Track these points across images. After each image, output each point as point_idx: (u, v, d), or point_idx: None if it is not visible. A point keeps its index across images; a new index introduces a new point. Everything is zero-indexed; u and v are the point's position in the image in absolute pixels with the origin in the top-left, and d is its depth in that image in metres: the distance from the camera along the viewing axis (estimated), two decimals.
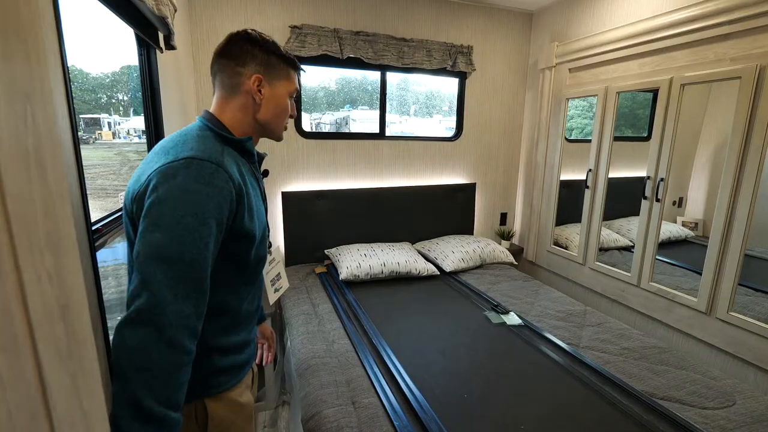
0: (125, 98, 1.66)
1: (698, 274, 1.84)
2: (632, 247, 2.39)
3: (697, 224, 2.63)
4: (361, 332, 1.68)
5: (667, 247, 2.37)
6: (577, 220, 2.53)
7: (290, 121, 1.02)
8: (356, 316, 1.82)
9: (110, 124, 1.54)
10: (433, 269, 2.32)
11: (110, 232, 0.97)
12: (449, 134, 2.91)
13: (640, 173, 2.17)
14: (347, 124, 2.75)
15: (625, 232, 2.59)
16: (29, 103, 0.33)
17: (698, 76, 1.77)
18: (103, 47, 1.37)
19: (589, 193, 2.39)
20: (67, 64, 0.72)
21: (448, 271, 2.37)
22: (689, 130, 2.50)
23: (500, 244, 2.98)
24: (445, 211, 2.83)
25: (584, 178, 2.43)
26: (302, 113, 2.43)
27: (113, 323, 0.78)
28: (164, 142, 0.77)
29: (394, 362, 1.45)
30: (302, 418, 1.25)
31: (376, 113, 2.63)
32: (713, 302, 1.76)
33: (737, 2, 1.57)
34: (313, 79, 2.53)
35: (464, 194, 2.88)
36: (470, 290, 2.14)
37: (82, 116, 1.36)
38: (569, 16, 2.49)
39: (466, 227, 2.92)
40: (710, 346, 1.80)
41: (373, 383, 1.34)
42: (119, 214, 1.09)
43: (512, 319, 1.79)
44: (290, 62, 0.86)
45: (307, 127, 2.50)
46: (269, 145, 2.36)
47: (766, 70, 1.52)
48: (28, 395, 0.35)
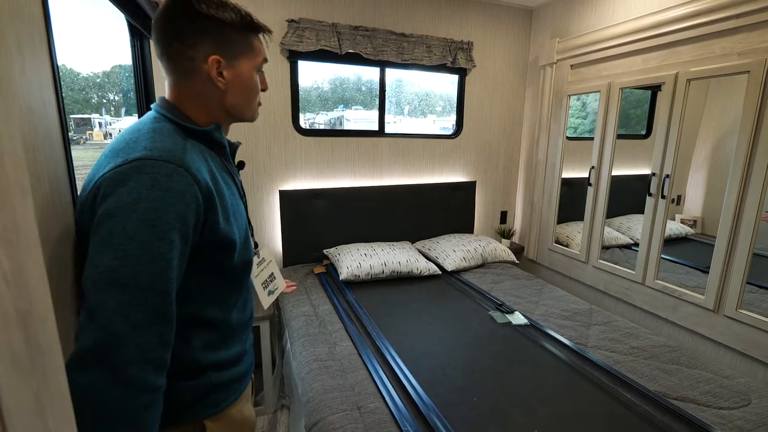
0: (116, 98, 1.61)
1: (700, 271, 1.82)
2: (633, 244, 2.37)
3: (695, 222, 2.62)
4: (363, 334, 1.63)
5: (667, 244, 2.35)
6: (577, 218, 2.51)
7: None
8: (358, 317, 1.77)
9: (101, 124, 1.49)
10: (434, 269, 2.28)
11: None
12: (444, 134, 2.87)
13: (637, 171, 2.15)
14: (341, 124, 2.71)
15: (625, 230, 2.57)
16: None
17: (705, 71, 1.74)
18: (93, 46, 1.31)
19: (591, 190, 2.36)
20: (55, 54, 0.67)
21: (449, 270, 2.33)
22: (687, 128, 2.49)
23: (500, 242, 2.94)
24: (445, 209, 2.78)
25: (585, 175, 2.40)
26: (299, 108, 2.38)
27: None
28: (115, 140, 0.65)
29: (399, 364, 1.40)
30: (305, 424, 1.20)
31: (370, 113, 2.59)
32: (721, 300, 1.73)
33: None
34: (306, 79, 2.47)
35: (464, 192, 2.84)
36: (473, 290, 2.10)
37: (72, 116, 1.31)
38: (570, 11, 2.47)
39: (466, 226, 2.88)
40: (718, 344, 1.77)
41: (378, 387, 1.29)
42: None
43: (518, 318, 1.75)
44: (251, 27, 0.71)
45: (301, 123, 2.44)
46: (260, 138, 2.30)
47: None
48: None
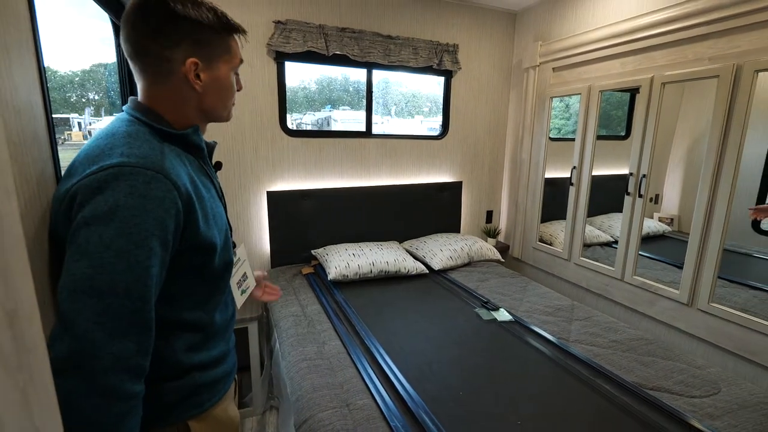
0: (97, 97, 1.58)
1: (676, 267, 1.90)
2: (613, 242, 2.45)
3: (672, 220, 2.72)
4: (352, 333, 1.65)
5: (645, 242, 2.44)
6: (560, 216, 2.57)
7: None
8: (346, 316, 1.79)
9: (80, 124, 1.46)
10: (421, 268, 2.31)
11: None
12: (431, 134, 2.91)
13: (618, 171, 2.22)
14: (329, 124, 2.72)
15: (606, 228, 2.65)
16: None
17: (678, 75, 1.82)
18: (72, 44, 1.30)
19: (573, 190, 2.43)
20: (42, 55, 0.67)
21: (436, 269, 2.37)
22: (664, 128, 2.58)
23: (486, 241, 3.00)
24: (431, 209, 2.82)
25: (567, 175, 2.47)
26: (286, 112, 2.38)
27: None
28: (88, 145, 0.62)
29: (387, 362, 1.42)
30: (295, 422, 1.21)
31: (357, 113, 2.61)
32: (694, 294, 1.81)
33: (714, 4, 1.63)
34: (293, 79, 2.48)
35: (450, 192, 2.88)
36: (459, 288, 2.14)
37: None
38: (552, 16, 2.53)
39: (452, 225, 2.93)
40: (692, 336, 1.85)
41: (366, 384, 1.31)
42: None
43: (502, 315, 1.80)
44: (228, 28, 0.70)
45: (288, 123, 2.44)
46: (247, 139, 2.30)
47: (742, 69, 1.58)
48: None
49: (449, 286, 2.18)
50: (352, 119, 2.71)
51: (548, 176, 2.69)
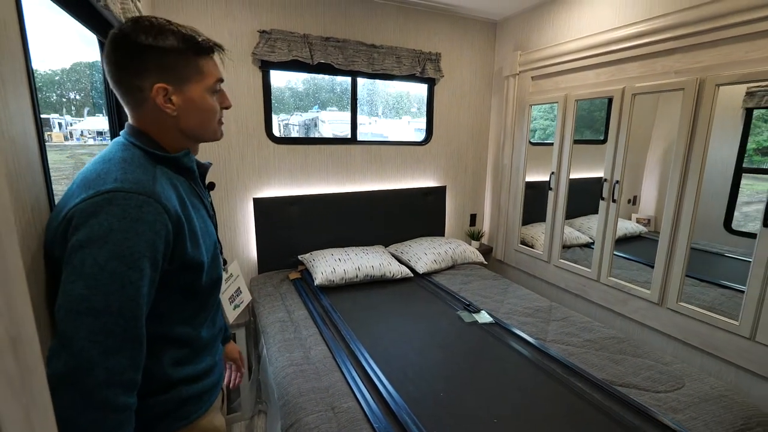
0: (78, 97, 1.57)
1: (650, 267, 2.00)
2: (592, 243, 2.55)
3: (649, 221, 2.84)
4: (338, 337, 1.69)
5: (623, 243, 2.54)
6: (541, 219, 2.66)
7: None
8: (332, 321, 1.83)
9: (61, 125, 1.45)
10: (406, 271, 2.36)
11: None
12: (418, 135, 2.97)
13: (598, 174, 2.32)
14: (316, 125, 2.74)
15: (585, 229, 2.75)
16: None
17: (647, 86, 1.91)
18: (51, 42, 1.29)
19: (552, 194, 2.52)
20: (34, 84, 0.69)
21: (421, 272, 2.42)
22: (641, 134, 2.70)
23: (470, 244, 3.07)
24: (416, 213, 2.88)
25: (547, 179, 2.56)
26: (272, 116, 2.41)
27: None
28: (86, 170, 0.66)
29: (371, 365, 1.47)
30: (282, 426, 1.25)
31: (345, 114, 2.64)
32: (664, 294, 1.91)
33: (680, 20, 1.72)
34: (280, 79, 2.50)
35: (435, 197, 2.95)
36: (443, 291, 2.20)
37: None
38: (530, 26, 2.62)
39: (437, 229, 2.99)
40: (662, 334, 1.95)
41: (351, 387, 1.36)
42: None
43: (483, 317, 1.86)
44: (197, 50, 0.71)
45: (275, 128, 2.47)
46: (233, 147, 2.32)
47: (705, 83, 1.67)
48: None
49: (433, 289, 2.24)
50: (339, 120, 2.74)
51: (529, 180, 2.78)
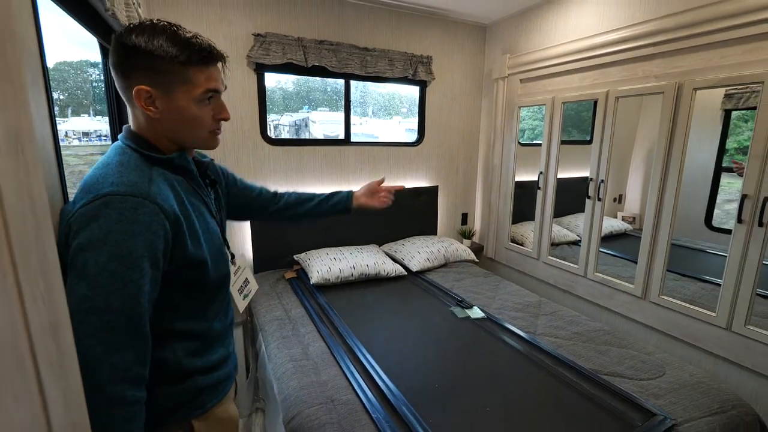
0: (62, 97, 1.57)
1: (636, 263, 2.08)
2: (580, 241, 2.64)
3: (634, 218, 2.94)
4: (335, 334, 1.74)
5: (609, 240, 2.63)
6: (531, 218, 2.74)
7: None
8: (329, 318, 1.87)
9: None
10: (400, 270, 2.42)
11: None
12: (409, 135, 3.03)
13: (585, 174, 2.40)
14: (307, 126, 2.77)
15: (573, 227, 2.83)
16: (21, 149, 0.37)
17: (630, 90, 2.00)
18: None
19: (540, 193, 2.60)
20: (47, 70, 0.73)
21: (414, 270, 2.48)
22: (626, 134, 2.80)
23: (462, 243, 3.14)
24: (409, 213, 2.94)
25: (536, 179, 2.64)
26: (267, 119, 2.44)
27: None
28: (87, 175, 0.69)
29: (368, 360, 1.52)
30: (284, 419, 1.29)
31: (336, 115, 2.68)
32: (647, 288, 2.00)
33: (660, 27, 1.81)
34: (269, 79, 2.52)
35: (427, 197, 3.01)
36: (436, 288, 2.26)
37: None
38: (519, 30, 2.70)
39: (429, 228, 3.05)
40: (646, 326, 2.04)
41: (349, 381, 1.40)
42: None
43: (476, 312, 1.93)
44: (189, 60, 0.70)
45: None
46: (228, 148, 2.35)
47: (683, 87, 1.76)
48: (32, 410, 0.39)
49: (426, 286, 2.29)
50: (330, 120, 2.76)
51: (519, 180, 2.85)
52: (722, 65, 1.64)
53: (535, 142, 2.87)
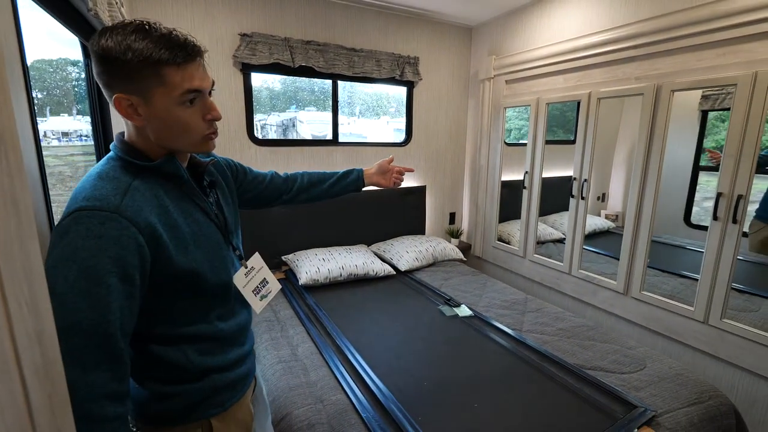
0: (40, 96, 1.55)
1: (617, 260, 2.14)
2: (565, 239, 2.69)
3: (617, 216, 3.02)
4: (324, 334, 1.74)
5: (593, 237, 2.69)
6: (517, 217, 2.78)
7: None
8: (318, 319, 1.87)
9: None
10: (389, 269, 2.43)
11: None
12: (397, 135, 3.05)
13: (570, 173, 2.45)
14: (294, 126, 2.75)
15: (558, 226, 2.89)
16: (4, 152, 0.37)
17: (611, 91, 2.05)
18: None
19: (526, 192, 2.64)
20: (28, 71, 0.72)
21: (403, 270, 2.50)
22: (609, 135, 2.87)
23: (450, 242, 3.17)
24: (397, 213, 2.95)
25: (521, 178, 2.68)
26: (254, 119, 2.43)
27: None
28: (76, 187, 0.67)
29: (357, 359, 1.53)
30: (273, 420, 1.29)
31: (324, 115, 2.68)
32: (629, 284, 2.05)
33: (639, 31, 1.86)
34: (256, 79, 2.50)
35: (415, 196, 3.03)
36: (424, 287, 2.28)
37: None
38: (504, 32, 2.74)
39: (418, 227, 3.08)
40: (628, 321, 2.09)
41: (339, 381, 1.41)
42: None
43: (463, 311, 1.95)
44: (161, 60, 0.64)
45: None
46: (216, 148, 2.33)
47: (661, 89, 1.81)
48: (18, 416, 0.40)
49: (415, 285, 2.31)
50: (318, 120, 2.75)
51: (505, 179, 2.90)
52: (698, 68, 1.70)
53: (521, 142, 2.91)
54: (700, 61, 1.70)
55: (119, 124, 1.56)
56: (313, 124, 2.78)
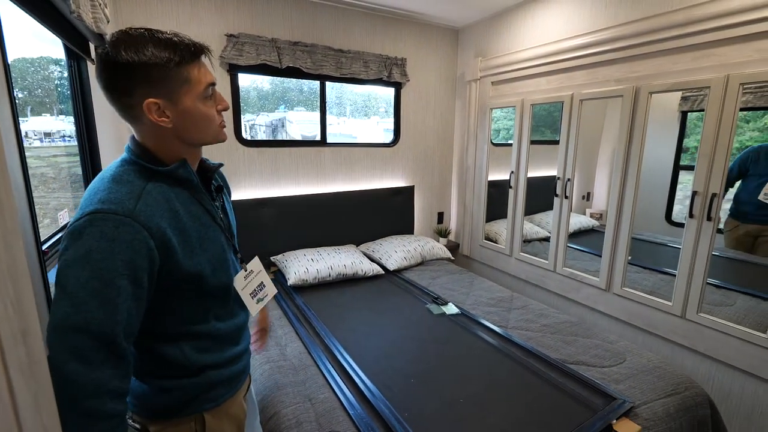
0: (21, 95, 1.53)
1: (600, 257, 2.19)
2: (550, 237, 2.74)
3: (601, 215, 3.08)
4: (312, 334, 1.75)
5: (578, 236, 2.75)
6: (504, 216, 2.83)
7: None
8: (307, 319, 1.88)
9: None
10: (378, 269, 2.45)
11: (56, 254, 0.95)
12: (387, 135, 3.07)
13: (555, 172, 2.50)
14: (284, 126, 2.75)
15: (544, 224, 2.94)
16: None
17: (592, 93, 2.10)
18: None
19: (512, 192, 2.69)
20: (9, 72, 0.72)
21: (391, 269, 2.52)
22: (592, 136, 2.93)
23: (438, 241, 3.20)
24: (386, 213, 2.98)
25: (508, 178, 2.72)
26: (241, 120, 2.42)
27: None
28: (88, 189, 0.69)
29: (346, 358, 1.54)
30: (261, 420, 1.30)
31: (313, 115, 2.68)
32: (611, 280, 2.11)
33: (619, 34, 1.91)
34: (245, 79, 2.49)
35: (403, 196, 3.06)
36: (413, 286, 2.30)
37: None
38: (489, 34, 2.78)
39: (406, 227, 3.10)
40: (610, 316, 2.15)
41: (327, 380, 1.43)
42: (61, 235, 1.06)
43: (451, 309, 1.98)
44: (182, 60, 0.69)
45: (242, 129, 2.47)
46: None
47: (640, 91, 1.87)
48: (5, 413, 0.41)
49: (403, 285, 2.34)
50: (307, 121, 2.75)
51: (492, 179, 2.94)
52: (674, 71, 1.76)
53: (509, 142, 2.95)
54: (676, 64, 1.76)
55: (104, 125, 1.55)
56: (302, 124, 2.78)
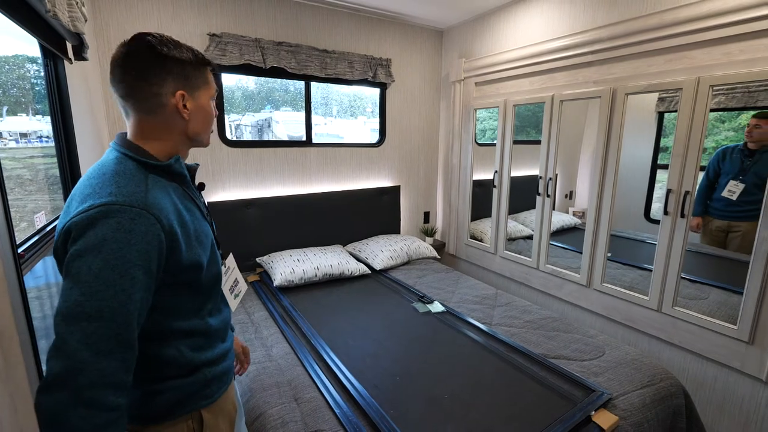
0: None
1: (582, 254, 2.25)
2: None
3: (584, 213, 3.15)
4: (299, 335, 1.75)
5: (561, 234, 2.81)
6: (489, 215, 2.87)
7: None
8: (293, 319, 1.88)
9: None
10: (364, 269, 2.46)
11: (33, 256, 0.93)
12: (374, 135, 3.08)
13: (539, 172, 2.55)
14: (270, 126, 2.74)
15: (528, 223, 2.99)
16: None
17: (572, 94, 2.15)
18: None
19: (496, 191, 2.73)
20: None
21: (378, 269, 2.53)
22: (574, 135, 3.00)
23: (424, 240, 3.23)
24: (372, 213, 2.99)
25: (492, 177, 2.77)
26: (225, 120, 2.40)
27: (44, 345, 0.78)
28: (83, 183, 0.70)
29: (332, 358, 1.55)
30: (247, 421, 1.30)
31: (300, 115, 2.68)
32: (591, 277, 2.16)
33: (597, 37, 1.97)
34: (229, 79, 2.47)
35: (390, 196, 3.07)
36: (399, 285, 2.32)
37: None
38: (473, 36, 2.82)
39: (393, 227, 3.12)
40: (591, 312, 2.21)
41: (313, 380, 1.43)
42: (38, 237, 1.05)
43: (436, 307, 2.00)
44: (204, 63, 0.81)
45: (226, 130, 2.45)
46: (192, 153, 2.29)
47: (617, 92, 1.93)
48: None
49: (390, 284, 2.35)
50: (294, 120, 2.74)
51: (477, 178, 2.98)
52: (649, 73, 1.81)
53: (494, 141, 3.00)
54: (650, 66, 1.82)
55: (82, 125, 1.52)
56: (289, 124, 2.78)
